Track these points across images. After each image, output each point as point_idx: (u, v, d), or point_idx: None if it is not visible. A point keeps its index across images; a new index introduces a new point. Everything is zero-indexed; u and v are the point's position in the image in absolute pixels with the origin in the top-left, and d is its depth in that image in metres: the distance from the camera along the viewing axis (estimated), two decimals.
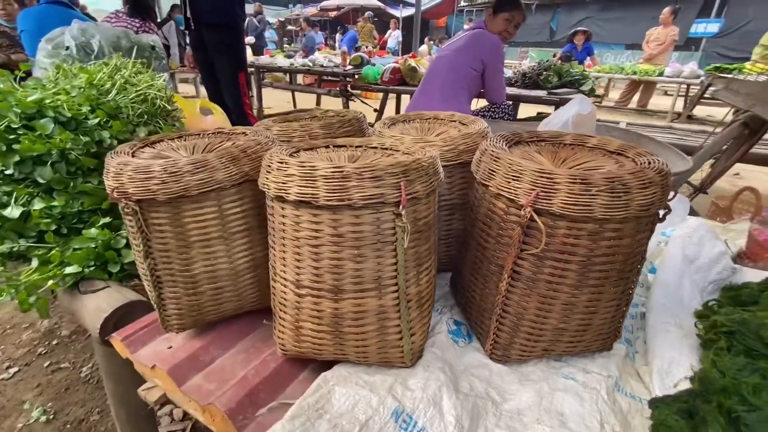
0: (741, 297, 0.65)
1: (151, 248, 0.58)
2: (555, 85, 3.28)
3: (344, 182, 0.44)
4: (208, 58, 2.54)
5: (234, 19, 2.51)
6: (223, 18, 2.45)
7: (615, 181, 0.45)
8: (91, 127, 0.84)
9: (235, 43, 2.58)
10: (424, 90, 2.57)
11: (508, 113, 2.76)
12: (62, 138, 0.77)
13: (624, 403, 0.53)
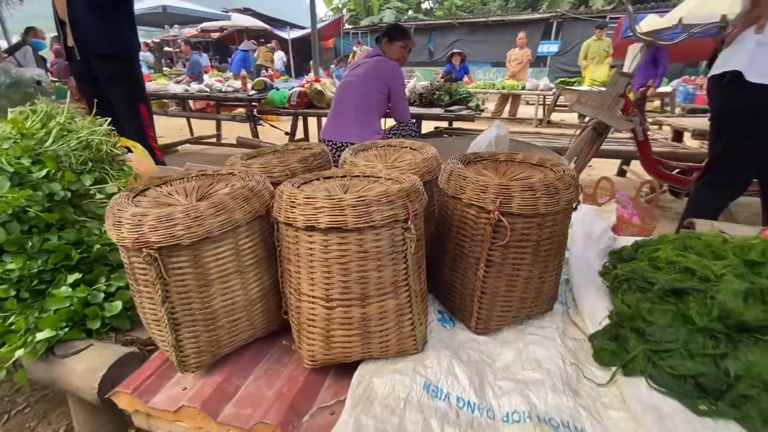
0: (623, 256, 0.92)
1: (169, 292, 0.61)
2: (447, 104, 3.72)
3: (368, 208, 0.56)
4: (99, 90, 2.32)
5: (127, 48, 2.35)
6: (114, 48, 2.28)
7: (549, 186, 0.65)
8: (37, 181, 0.78)
9: (131, 73, 2.41)
10: (338, 114, 2.72)
11: (414, 130, 3.05)
12: (15, 195, 0.72)
13: (571, 344, 0.73)
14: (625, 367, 0.63)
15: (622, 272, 0.76)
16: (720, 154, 1.81)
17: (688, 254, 0.69)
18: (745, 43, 1.60)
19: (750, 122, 1.64)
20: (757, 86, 1.56)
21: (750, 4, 1.59)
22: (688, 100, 7.43)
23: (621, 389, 0.61)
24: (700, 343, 0.59)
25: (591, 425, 0.56)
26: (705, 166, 2.19)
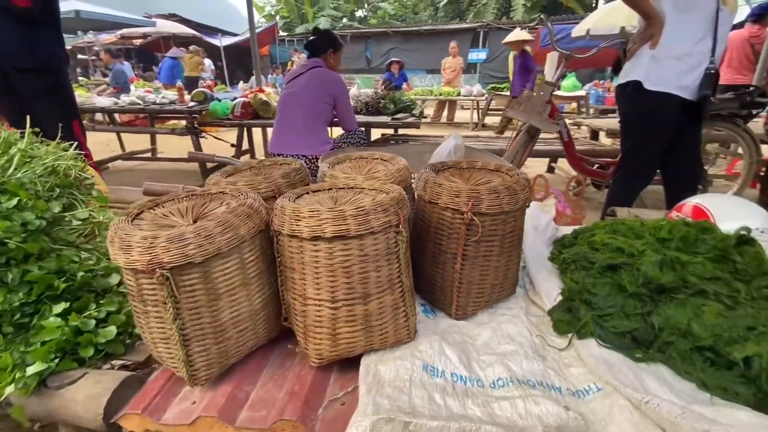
0: (565, 243, 1.09)
1: (180, 309, 0.63)
2: (393, 111, 3.88)
3: (366, 216, 0.64)
4: (22, 105, 2.13)
5: (53, 61, 2.18)
6: (37, 61, 2.11)
7: (510, 189, 0.78)
8: (8, 211, 0.75)
9: (59, 87, 2.25)
10: (284, 127, 2.74)
11: (363, 138, 3.15)
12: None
13: (534, 319, 0.87)
14: (578, 332, 0.77)
15: (568, 255, 0.91)
16: (629, 151, 2.13)
17: (617, 237, 0.86)
18: (642, 57, 1.91)
19: (650, 122, 1.96)
20: (653, 93, 1.87)
21: (644, 24, 1.91)
22: (599, 101, 8.36)
23: (577, 350, 0.75)
24: (631, 306, 0.75)
25: (558, 381, 0.69)
26: (619, 161, 2.54)
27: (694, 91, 1.84)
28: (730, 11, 1.82)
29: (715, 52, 1.81)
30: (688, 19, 1.77)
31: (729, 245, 0.77)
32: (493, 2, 15.53)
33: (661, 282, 0.73)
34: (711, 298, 0.70)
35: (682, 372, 0.67)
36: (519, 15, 14.52)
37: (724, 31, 1.82)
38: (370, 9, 17.60)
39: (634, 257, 0.79)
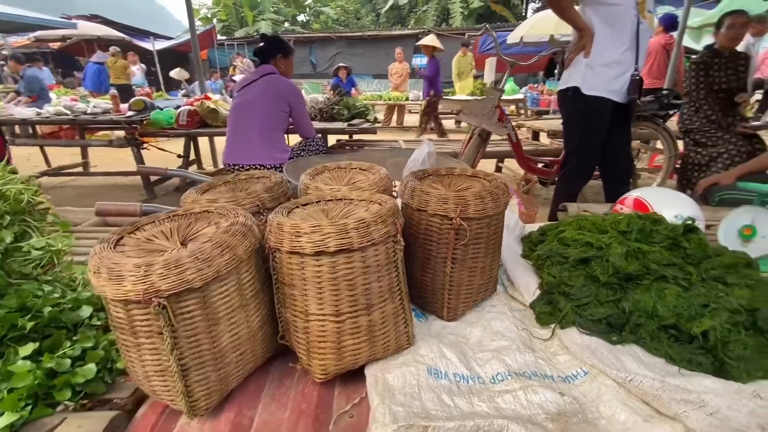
0: (533, 240, 1.17)
1: (178, 339, 0.60)
2: (347, 117, 3.89)
3: (368, 228, 0.65)
4: None
5: None
6: None
7: (492, 193, 0.83)
8: None
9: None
10: (240, 137, 2.65)
11: (321, 145, 3.13)
12: None
13: (517, 314, 0.93)
14: (560, 322, 0.83)
15: (542, 252, 0.98)
16: (572, 150, 2.33)
17: (584, 232, 0.95)
18: (579, 65, 2.10)
19: (588, 123, 2.16)
20: (589, 97, 2.07)
21: (577, 36, 2.10)
22: (534, 104, 8.97)
23: (561, 339, 0.82)
24: (604, 294, 0.83)
25: (549, 370, 0.75)
26: (562, 160, 2.76)
27: (624, 94, 2.06)
28: (649, 24, 2.06)
29: (638, 61, 2.04)
30: (613, 32, 1.98)
31: (678, 234, 0.88)
32: (433, 10, 16.10)
33: (628, 271, 0.82)
34: (670, 281, 0.80)
35: (651, 349, 0.75)
36: (457, 22, 15.19)
37: (644, 42, 2.06)
38: (312, 13, 17.44)
39: (602, 250, 0.87)
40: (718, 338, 0.70)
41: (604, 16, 1.96)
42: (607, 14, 1.97)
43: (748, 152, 2.96)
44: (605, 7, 1.97)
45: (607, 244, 0.87)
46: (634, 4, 1.90)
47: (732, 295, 0.75)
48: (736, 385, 0.64)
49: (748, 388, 0.63)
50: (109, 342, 0.73)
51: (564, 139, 2.47)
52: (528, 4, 17.91)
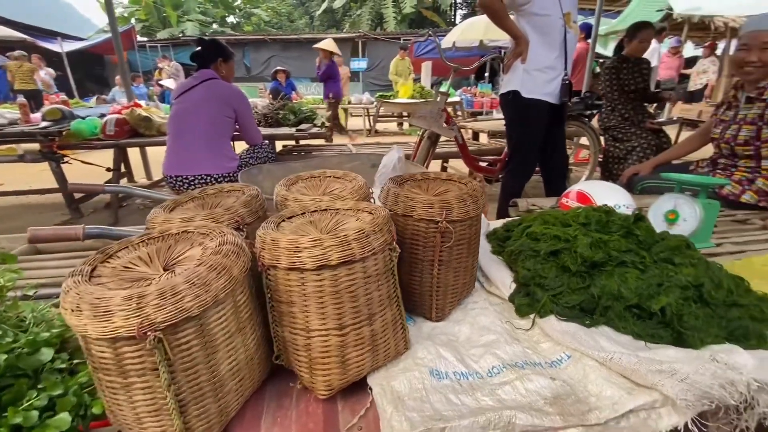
0: (499, 236, 1.24)
1: (174, 373, 0.55)
2: (294, 122, 3.81)
3: (368, 239, 0.65)
4: None
5: None
6: None
7: (472, 196, 0.87)
8: None
9: None
10: (182, 145, 2.50)
11: (269, 152, 3.04)
12: None
13: (497, 308, 0.98)
14: (539, 312, 0.90)
15: (514, 248, 1.05)
16: (515, 149, 2.50)
17: (550, 227, 1.03)
18: (517, 70, 2.27)
19: (528, 123, 2.34)
20: (528, 99, 2.24)
21: (514, 43, 2.27)
22: (469, 105, 9.43)
23: (542, 327, 0.88)
24: (575, 282, 0.91)
25: (537, 357, 0.80)
26: (506, 158, 2.93)
27: (557, 96, 2.26)
28: (574, 33, 2.28)
29: (566, 66, 2.25)
30: (545, 40, 2.17)
31: (630, 223, 0.99)
32: (367, 14, 16.28)
33: (594, 259, 0.90)
34: (629, 266, 0.89)
35: (620, 328, 0.84)
36: (391, 26, 15.52)
37: (571, 49, 2.27)
38: (243, 15, 16.75)
39: (569, 242, 0.95)
40: (674, 312, 0.80)
41: (536, 26, 2.13)
42: (538, 24, 2.15)
43: (656, 145, 3.38)
44: (537, 17, 2.14)
45: (573, 236, 0.95)
46: (561, 15, 2.09)
47: (680, 273, 0.86)
48: (695, 352, 0.74)
49: (705, 353, 0.73)
50: (79, 386, 0.65)
51: (507, 138, 2.65)
52: (456, 10, 18.82)
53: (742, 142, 1.83)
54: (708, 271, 0.87)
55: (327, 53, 6.42)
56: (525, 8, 2.12)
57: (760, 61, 1.70)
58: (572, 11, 2.15)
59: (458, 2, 19.02)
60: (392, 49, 13.35)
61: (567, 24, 2.16)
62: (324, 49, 6.41)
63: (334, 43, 6.60)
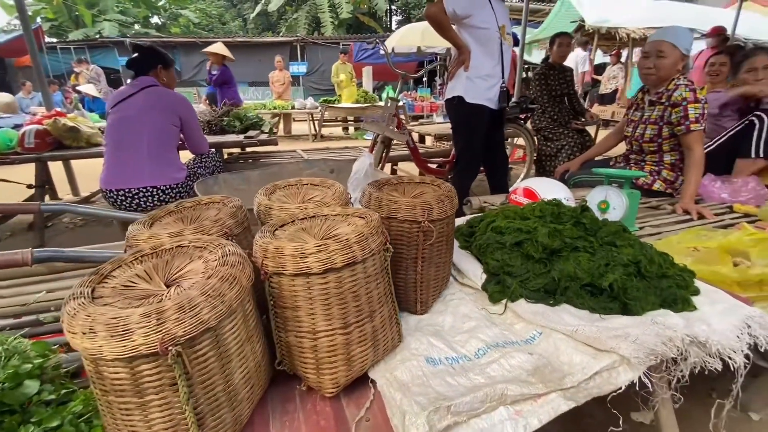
0: (463, 231, 1.34)
1: (192, 386, 0.56)
2: (240, 129, 3.70)
3: (367, 241, 0.70)
4: None
5: None
6: None
7: (448, 197, 0.95)
8: None
9: None
10: (125, 155, 2.35)
11: (218, 160, 2.95)
12: None
13: (471, 297, 1.07)
14: (510, 297, 1.00)
15: (481, 242, 1.15)
16: (462, 150, 2.67)
17: (512, 221, 1.14)
18: (461, 77, 2.43)
19: (472, 126, 2.51)
20: (471, 105, 2.41)
21: (457, 52, 2.43)
22: (411, 110, 9.73)
23: (513, 310, 0.98)
24: (538, 268, 1.03)
25: (514, 337, 0.90)
26: (453, 159, 3.11)
27: (496, 102, 2.46)
28: (509, 44, 2.49)
29: (504, 74, 2.45)
30: (485, 50, 2.36)
31: (578, 213, 1.13)
32: (304, 18, 16.09)
33: (553, 247, 1.03)
34: (581, 251, 1.03)
35: (578, 305, 0.97)
36: (329, 31, 15.50)
37: (507, 59, 2.49)
38: (169, 16, 15.67)
39: (530, 233, 1.07)
40: (619, 287, 0.95)
41: (476, 37, 2.31)
42: (478, 35, 2.33)
43: (581, 143, 3.78)
44: (477, 30, 2.32)
45: (534, 227, 1.08)
46: (497, 28, 2.29)
47: (622, 253, 1.01)
48: (639, 318, 0.88)
49: (647, 319, 0.88)
50: (74, 415, 0.62)
51: (453, 141, 2.82)
52: (392, 16, 19.28)
53: (648, 140, 2.13)
54: (642, 249, 1.04)
55: (219, 57, 6.06)
56: (466, 21, 2.28)
57: (655, 67, 1.99)
58: (506, 24, 2.36)
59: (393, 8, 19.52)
60: (332, 53, 13.35)
61: (502, 36, 2.36)
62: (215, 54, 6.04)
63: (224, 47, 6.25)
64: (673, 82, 2.02)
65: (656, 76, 2.02)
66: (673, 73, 2.00)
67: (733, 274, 1.08)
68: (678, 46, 1.97)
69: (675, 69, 2.00)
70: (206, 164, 2.81)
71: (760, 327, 0.88)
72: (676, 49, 1.97)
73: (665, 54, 1.97)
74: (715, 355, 0.83)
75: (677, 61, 1.99)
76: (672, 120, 2.00)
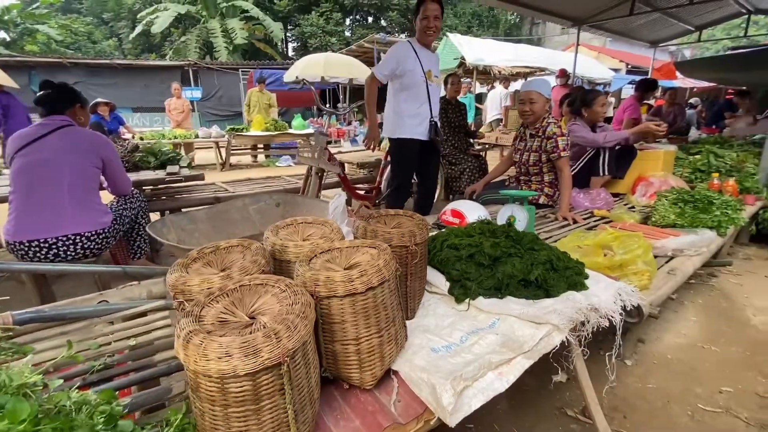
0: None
1: (292, 389, 0.73)
2: (156, 165, 3.53)
3: (389, 265, 0.94)
4: None
5: None
6: None
7: (425, 224, 1.24)
8: None
9: None
10: (39, 200, 2.18)
11: (142, 200, 2.85)
12: None
13: (440, 300, 1.37)
14: (471, 296, 1.33)
15: (442, 257, 1.46)
16: (397, 176, 3.03)
17: (463, 238, 1.49)
18: (391, 118, 2.83)
19: (405, 157, 2.91)
20: (402, 139, 2.82)
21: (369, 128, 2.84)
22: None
23: (477, 306, 1.30)
24: (487, 273, 1.37)
25: (481, 325, 1.22)
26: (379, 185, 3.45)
27: (426, 135, 2.88)
28: (437, 84, 2.94)
29: (432, 111, 2.88)
30: (410, 93, 2.78)
31: (506, 228, 1.53)
32: (194, 42, 15.30)
33: (495, 255, 1.39)
34: (514, 255, 1.41)
35: (517, 295, 1.33)
36: (223, 56, 15.01)
37: (436, 96, 2.94)
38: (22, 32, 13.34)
39: (478, 246, 1.42)
40: (542, 279, 1.34)
41: (403, 84, 2.73)
42: (405, 82, 2.75)
43: (478, 166, 4.49)
44: (403, 78, 2.74)
45: (480, 242, 1.43)
46: (422, 73, 2.73)
47: (540, 255, 1.42)
48: (558, 299, 1.28)
49: (562, 298, 1.28)
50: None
51: (391, 168, 3.18)
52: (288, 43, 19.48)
53: (532, 164, 2.76)
54: (551, 251, 1.47)
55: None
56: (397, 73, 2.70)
57: (530, 111, 2.64)
58: (432, 69, 2.81)
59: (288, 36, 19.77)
60: (229, 78, 12.96)
61: (429, 79, 2.80)
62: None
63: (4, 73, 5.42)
64: (545, 120, 2.67)
65: (533, 117, 2.66)
66: (543, 113, 2.66)
67: (604, 262, 1.59)
68: (543, 93, 2.64)
69: (544, 110, 2.65)
70: (131, 205, 2.68)
71: (626, 294, 1.35)
72: (542, 96, 2.63)
73: (535, 100, 2.62)
74: (603, 317, 1.26)
75: (544, 104, 2.65)
76: (547, 149, 2.64)
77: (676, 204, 2.48)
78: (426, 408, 0.91)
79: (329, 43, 18.10)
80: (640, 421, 1.60)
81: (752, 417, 1.61)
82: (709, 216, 2.32)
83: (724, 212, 2.38)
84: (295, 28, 19.03)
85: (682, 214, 2.37)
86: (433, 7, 2.59)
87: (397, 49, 2.73)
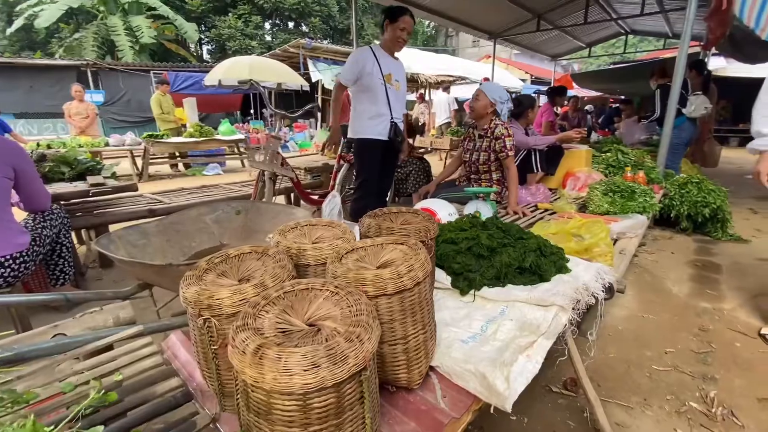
0: None
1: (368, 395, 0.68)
2: (73, 176, 3.08)
3: (427, 261, 0.92)
4: None
5: None
6: None
7: (432, 221, 1.25)
8: None
9: None
10: None
11: (63, 215, 2.49)
12: None
13: (447, 294, 1.38)
14: (476, 287, 1.36)
15: (442, 252, 1.48)
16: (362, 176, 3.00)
17: (458, 233, 1.52)
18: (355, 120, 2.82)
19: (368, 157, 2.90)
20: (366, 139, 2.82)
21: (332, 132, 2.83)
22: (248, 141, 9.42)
23: (482, 296, 1.34)
24: (486, 263, 1.43)
25: (492, 314, 1.26)
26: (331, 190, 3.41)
27: (387, 135, 2.90)
28: (396, 89, 2.96)
29: (392, 112, 2.91)
30: (370, 96, 2.80)
31: (494, 222, 1.60)
32: (92, 40, 13.52)
33: (492, 246, 1.45)
34: (507, 246, 1.49)
35: (516, 282, 1.41)
36: (128, 56, 13.50)
37: (398, 99, 2.97)
38: None
39: (476, 239, 1.47)
40: (536, 265, 1.43)
41: (363, 87, 2.75)
42: (364, 86, 2.77)
43: (423, 168, 4.64)
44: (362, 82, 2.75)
45: (476, 235, 1.48)
46: (381, 77, 2.76)
47: (529, 243, 1.51)
48: (551, 282, 1.38)
49: (554, 280, 1.38)
50: None
51: (356, 169, 3.14)
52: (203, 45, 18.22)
53: (482, 162, 2.94)
54: (538, 239, 1.57)
55: None
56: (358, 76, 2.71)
57: (473, 106, 2.84)
58: (392, 73, 2.85)
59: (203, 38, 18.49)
60: (137, 81, 11.70)
61: (388, 82, 2.83)
62: None
63: None
64: (492, 122, 2.86)
65: (473, 113, 2.87)
66: (485, 113, 2.83)
67: (576, 247, 1.74)
68: (488, 95, 2.83)
69: (486, 110, 2.83)
70: (51, 223, 2.30)
71: (604, 273, 1.50)
72: (486, 97, 2.82)
73: (479, 99, 2.82)
74: (591, 295, 1.39)
75: (487, 105, 2.83)
76: (496, 148, 2.82)
77: (606, 194, 2.82)
78: (474, 398, 0.91)
79: (249, 46, 17.30)
80: (612, 387, 1.79)
81: (695, 371, 1.89)
82: (635, 203, 2.69)
83: (645, 200, 2.77)
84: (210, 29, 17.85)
85: (613, 203, 2.70)
86: (410, 21, 2.76)
87: (356, 55, 2.78)
